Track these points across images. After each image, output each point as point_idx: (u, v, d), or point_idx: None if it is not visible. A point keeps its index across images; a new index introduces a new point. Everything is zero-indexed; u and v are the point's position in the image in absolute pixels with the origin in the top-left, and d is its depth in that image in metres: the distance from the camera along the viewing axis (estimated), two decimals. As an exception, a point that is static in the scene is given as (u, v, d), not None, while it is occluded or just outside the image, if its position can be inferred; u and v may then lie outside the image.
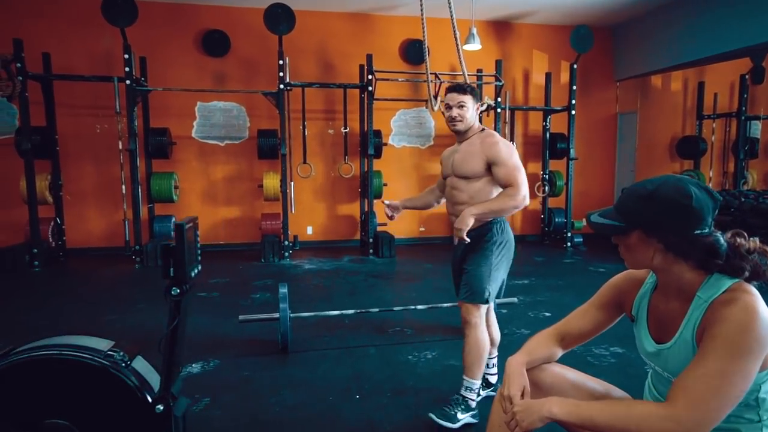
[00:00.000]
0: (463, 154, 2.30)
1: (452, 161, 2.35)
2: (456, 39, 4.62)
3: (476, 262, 2.29)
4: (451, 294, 4.40)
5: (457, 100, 2.26)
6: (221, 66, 7.02)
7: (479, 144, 2.26)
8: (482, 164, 2.25)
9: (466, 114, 2.26)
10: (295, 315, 3.35)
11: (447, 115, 2.30)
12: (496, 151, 2.21)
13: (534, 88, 7.99)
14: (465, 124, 2.28)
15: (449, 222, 2.43)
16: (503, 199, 2.18)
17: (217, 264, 6.17)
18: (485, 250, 2.30)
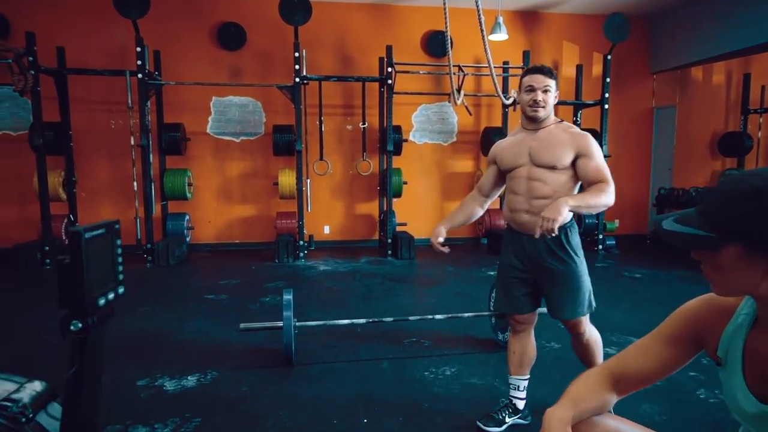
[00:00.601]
0: (545, 143, 2.05)
1: (530, 149, 2.08)
2: (481, 28, 4.26)
3: (573, 271, 2.08)
4: (474, 302, 4.06)
5: (543, 83, 2.04)
6: (237, 60, 6.81)
7: (564, 134, 2.06)
8: (571, 155, 2.04)
9: (549, 99, 2.06)
10: (301, 324, 3.08)
11: (528, 99, 2.05)
12: (587, 143, 2.03)
13: (564, 81, 7.54)
14: (546, 111, 2.07)
15: (515, 222, 2.12)
16: (600, 194, 1.93)
17: (230, 264, 5.96)
18: (574, 253, 2.09)
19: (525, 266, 2.14)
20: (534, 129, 2.11)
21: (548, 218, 1.80)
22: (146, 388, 2.64)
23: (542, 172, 2.05)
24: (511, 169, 2.14)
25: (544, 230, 1.81)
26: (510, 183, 2.17)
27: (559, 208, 1.82)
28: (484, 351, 3.19)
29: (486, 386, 2.69)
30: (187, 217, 6.67)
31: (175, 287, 4.91)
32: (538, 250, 2.09)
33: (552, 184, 2.05)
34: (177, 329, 3.61)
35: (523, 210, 2.08)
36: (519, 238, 2.14)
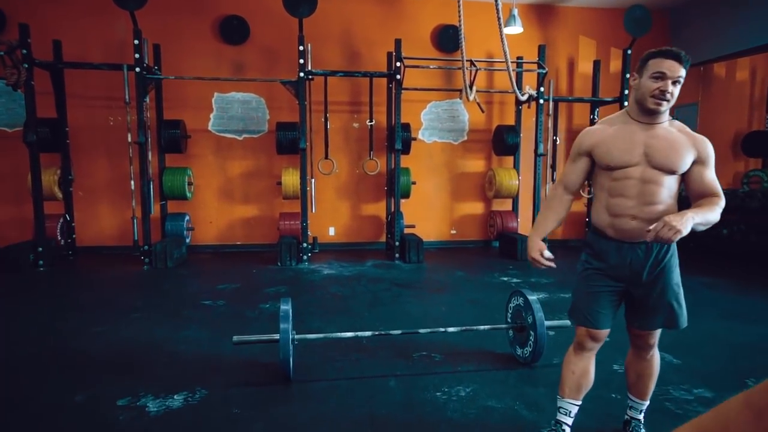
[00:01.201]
0: (665, 143, 1.81)
1: (645, 147, 1.82)
2: (499, 18, 3.99)
3: (676, 284, 1.91)
4: (487, 310, 3.79)
5: (677, 72, 1.74)
6: (240, 54, 6.57)
7: (682, 135, 1.83)
8: (691, 159, 1.82)
9: (676, 93, 1.78)
10: (300, 337, 2.80)
11: (654, 87, 1.75)
12: (708, 150, 1.83)
13: (579, 77, 7.24)
14: (669, 106, 1.81)
15: (617, 228, 1.87)
16: (716, 212, 1.74)
17: (230, 267, 5.71)
18: (675, 266, 1.92)
19: (623, 278, 1.91)
20: (649, 123, 1.84)
21: (674, 227, 1.59)
22: (126, 409, 2.38)
23: (659, 175, 1.81)
24: (619, 167, 1.84)
25: (661, 238, 1.61)
26: (613, 184, 1.87)
27: (687, 221, 1.62)
28: (501, 367, 2.91)
29: (505, 410, 2.41)
30: (187, 217, 6.43)
31: (171, 292, 4.66)
32: (641, 260, 1.87)
33: (668, 189, 1.83)
34: (168, 339, 3.35)
35: (630, 216, 1.83)
36: (619, 247, 1.89)
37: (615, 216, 1.86)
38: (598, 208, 1.92)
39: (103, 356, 3.05)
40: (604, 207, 1.89)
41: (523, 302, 2.94)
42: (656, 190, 1.81)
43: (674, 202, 1.84)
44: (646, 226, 1.76)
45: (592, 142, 1.92)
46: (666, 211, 1.79)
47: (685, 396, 2.55)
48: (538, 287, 4.85)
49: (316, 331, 3.48)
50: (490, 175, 6.94)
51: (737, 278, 5.21)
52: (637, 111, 1.84)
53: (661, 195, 1.81)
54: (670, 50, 1.74)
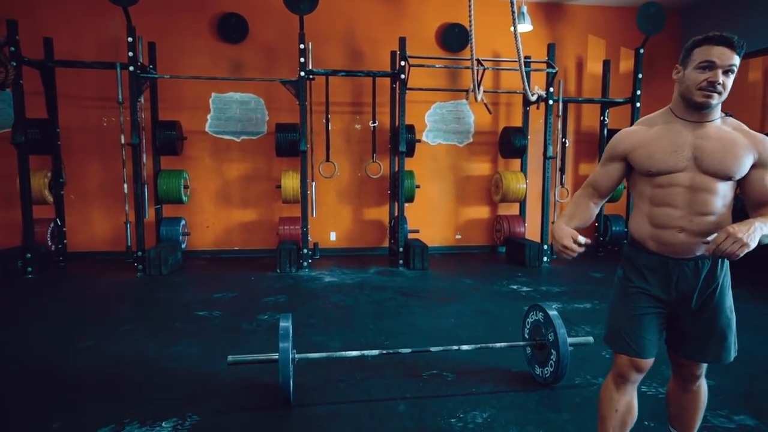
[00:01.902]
0: (719, 144, 1.55)
1: (694, 149, 1.57)
2: (513, 15, 3.77)
3: (728, 306, 1.69)
4: (498, 322, 3.54)
5: (728, 60, 1.49)
6: (238, 53, 6.34)
7: (738, 134, 1.57)
8: (750, 162, 1.57)
9: (729, 85, 1.52)
10: (301, 356, 2.57)
11: (703, 79, 1.50)
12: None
13: (589, 78, 7.03)
14: (721, 99, 1.54)
15: (662, 242, 1.63)
16: None
17: (227, 274, 5.48)
18: (728, 287, 1.69)
19: (670, 299, 1.66)
20: (697, 121, 1.58)
21: (740, 240, 1.38)
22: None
23: (712, 181, 1.56)
24: (663, 173, 1.60)
25: (723, 252, 1.41)
26: (656, 191, 1.62)
27: (754, 232, 1.41)
28: (519, 389, 2.67)
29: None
30: (183, 221, 6.20)
31: (164, 302, 4.42)
32: (689, 279, 1.62)
33: (722, 197, 1.58)
34: (158, 356, 3.11)
35: (678, 228, 1.59)
36: (664, 264, 1.64)
37: (659, 227, 1.62)
38: (639, 217, 1.68)
39: (87, 375, 2.82)
40: (646, 216, 1.65)
41: (542, 318, 2.71)
42: (708, 199, 1.56)
43: (729, 212, 1.61)
44: (696, 240, 1.55)
45: (629, 145, 1.67)
46: (720, 222, 1.57)
47: (726, 424, 2.32)
48: (550, 296, 4.63)
49: (317, 346, 3.26)
50: (496, 179, 6.72)
51: (759, 287, 4.99)
52: (682, 108, 1.59)
53: (714, 204, 1.56)
54: (720, 35, 1.50)
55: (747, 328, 3.72)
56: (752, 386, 2.73)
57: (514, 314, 3.97)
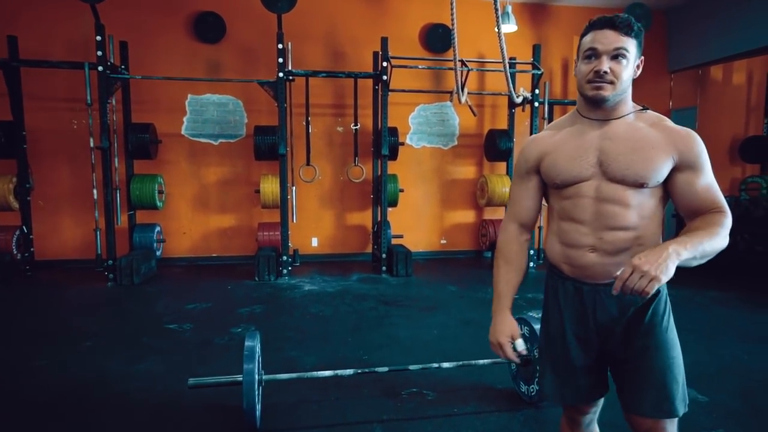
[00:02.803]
0: (626, 144, 1.29)
1: (599, 152, 1.32)
2: (497, 15, 3.63)
3: (663, 345, 1.33)
4: (484, 332, 3.32)
5: (613, 43, 1.25)
6: (215, 54, 6.13)
7: (654, 131, 1.30)
8: (668, 164, 1.28)
9: (622, 71, 1.26)
10: (269, 377, 2.39)
11: (587, 70, 1.27)
12: (695, 147, 1.28)
13: (574, 80, 6.91)
14: (617, 91, 1.28)
15: (572, 264, 1.37)
16: (719, 234, 1.20)
17: (203, 282, 5.26)
18: (666, 317, 1.36)
19: (588, 335, 1.39)
20: (602, 119, 1.33)
21: (647, 273, 1.08)
22: (51, 478, 1.95)
23: (621, 190, 1.29)
24: (568, 183, 1.35)
25: (632, 289, 1.09)
26: (563, 204, 1.38)
27: (666, 262, 1.09)
28: (504, 408, 2.52)
29: (513, 469, 2.02)
30: (158, 228, 5.96)
31: (133, 314, 4.20)
32: (610, 308, 1.35)
33: (638, 209, 1.30)
34: (120, 375, 2.90)
35: (587, 246, 1.33)
36: (578, 292, 1.38)
37: (569, 246, 1.37)
38: (551, 237, 1.44)
39: (38, 399, 2.60)
40: (556, 235, 1.41)
41: (528, 332, 2.56)
42: (618, 211, 1.29)
43: (654, 225, 1.32)
44: (612, 261, 1.29)
45: (540, 152, 1.42)
46: (640, 239, 1.29)
47: (721, 447, 2.18)
48: (536, 304, 4.49)
49: (292, 362, 3.08)
50: (481, 182, 6.59)
51: (747, 292, 4.90)
52: (584, 105, 1.35)
53: (626, 217, 1.29)
54: (603, 17, 1.28)
55: (740, 337, 3.61)
56: (746, 403, 2.60)
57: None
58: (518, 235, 1.51)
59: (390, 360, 3.09)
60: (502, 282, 1.49)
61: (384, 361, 3.06)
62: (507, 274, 1.49)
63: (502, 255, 1.51)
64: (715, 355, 3.23)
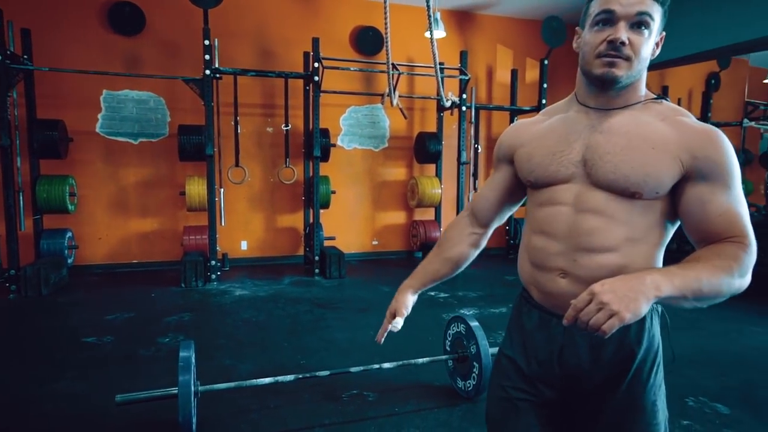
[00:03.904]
0: (625, 139, 0.99)
1: (586, 148, 1.03)
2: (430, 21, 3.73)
3: (649, 408, 1.05)
4: (419, 331, 3.48)
5: (636, 5, 0.94)
6: (134, 47, 5.77)
7: (665, 126, 0.98)
8: (673, 171, 0.96)
9: (642, 46, 0.96)
10: (205, 388, 2.30)
11: (597, 39, 0.98)
12: (714, 151, 0.95)
13: (498, 86, 7.27)
14: (632, 70, 0.97)
15: (540, 290, 1.11)
16: (731, 272, 0.90)
17: (123, 291, 4.93)
18: (653, 380, 1.05)
19: (549, 382, 1.11)
20: (602, 107, 1.03)
21: (607, 306, 0.82)
22: None
23: (606, 200, 1.00)
24: (543, 183, 1.09)
25: (586, 324, 0.84)
26: (537, 212, 1.12)
27: (636, 294, 0.83)
28: (443, 404, 2.60)
29: (454, 463, 2.09)
30: (69, 233, 5.50)
31: (45, 328, 3.85)
32: (582, 349, 1.05)
33: (626, 225, 1.00)
34: (36, 398, 2.66)
35: (558, 270, 1.05)
36: (546, 323, 1.10)
37: (537, 267, 1.10)
38: (521, 251, 1.19)
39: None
40: (526, 250, 1.15)
41: (464, 330, 2.66)
42: (599, 227, 1.00)
43: (647, 248, 1.01)
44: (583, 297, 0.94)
45: (513, 142, 1.18)
46: (623, 268, 0.99)
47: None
48: (467, 302, 4.67)
49: (227, 370, 2.98)
50: (412, 184, 6.73)
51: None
52: (584, 89, 1.06)
53: (609, 236, 1.00)
54: None
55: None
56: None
57: (433, 323, 3.94)
58: (465, 225, 1.30)
59: (328, 363, 3.07)
60: (423, 263, 1.34)
61: (322, 364, 3.04)
62: (431, 258, 1.33)
63: (440, 238, 1.34)
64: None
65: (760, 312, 4.40)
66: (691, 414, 2.53)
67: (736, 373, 3.08)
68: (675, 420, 2.45)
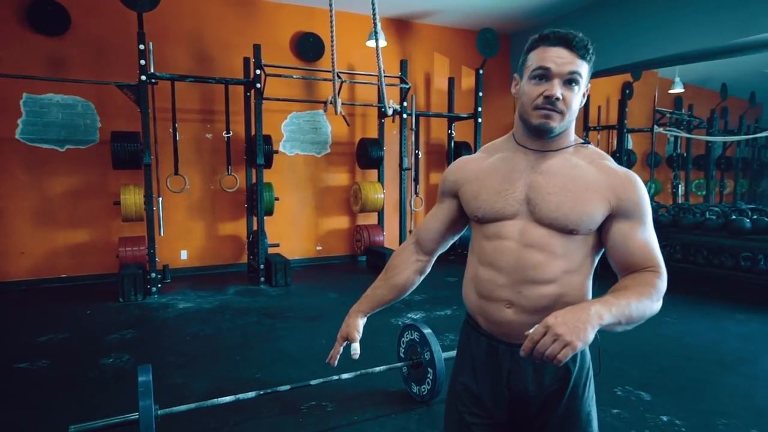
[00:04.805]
0: (562, 181, 1.12)
1: (529, 188, 1.15)
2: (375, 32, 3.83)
3: (584, 420, 1.20)
4: (371, 336, 3.55)
5: (568, 66, 1.06)
6: (58, 48, 5.43)
7: (592, 169, 1.13)
8: (603, 211, 1.11)
9: (573, 100, 1.09)
10: (165, 411, 2.27)
11: (537, 93, 1.08)
12: (634, 193, 1.11)
13: (436, 93, 7.53)
14: (564, 121, 1.10)
15: (488, 320, 1.21)
16: (650, 297, 1.06)
17: (55, 309, 4.66)
18: (586, 395, 1.21)
19: (499, 405, 1.22)
20: (539, 150, 1.16)
21: (561, 337, 0.91)
22: None
23: (547, 235, 1.12)
24: (490, 219, 1.19)
25: (544, 354, 0.92)
26: (484, 245, 1.21)
27: (585, 325, 0.93)
28: (399, 410, 2.72)
29: (415, 466, 2.22)
30: (-11, 248, 5.10)
31: (-31, 353, 3.58)
32: (527, 374, 1.18)
33: (564, 259, 1.13)
34: (-33, 431, 2.50)
35: (505, 301, 1.16)
36: (494, 351, 1.21)
37: (484, 298, 1.20)
38: (466, 280, 1.28)
39: None
40: (472, 280, 1.24)
41: (418, 337, 2.80)
42: (542, 262, 1.12)
43: (580, 277, 1.16)
44: (530, 320, 1.10)
45: (461, 177, 1.27)
46: (562, 297, 1.12)
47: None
48: (413, 305, 4.83)
49: (180, 390, 2.93)
50: (355, 189, 6.82)
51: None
52: (522, 133, 1.17)
53: (549, 269, 1.12)
54: (556, 32, 1.09)
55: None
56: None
57: (383, 327, 4.06)
58: (411, 252, 1.39)
59: (284, 375, 3.10)
60: (371, 288, 1.42)
61: (278, 376, 3.06)
62: (378, 283, 1.41)
63: (387, 264, 1.42)
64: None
65: (675, 303, 4.91)
66: (619, 402, 2.82)
67: (655, 361, 3.45)
68: (606, 409, 2.72)
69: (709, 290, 5.43)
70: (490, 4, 6.48)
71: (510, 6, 6.56)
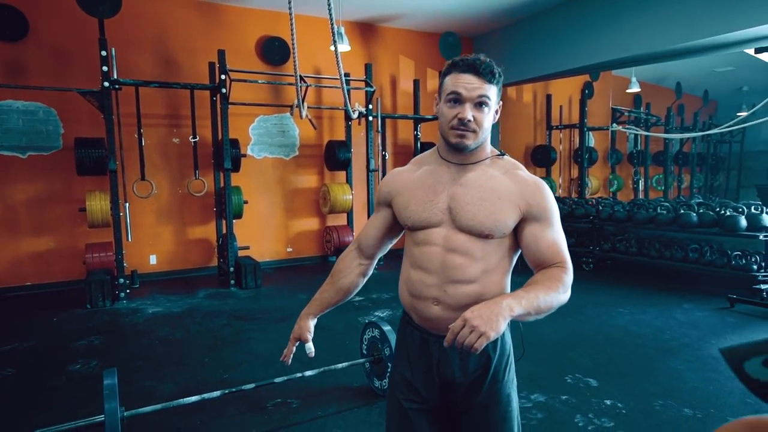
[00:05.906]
0: (477, 192, 1.27)
1: (450, 199, 1.30)
2: (334, 38, 3.94)
3: (504, 400, 1.35)
4: (337, 336, 3.77)
5: (477, 90, 1.21)
6: (16, 54, 5.36)
7: (506, 179, 1.28)
8: (515, 216, 1.26)
9: (484, 120, 1.24)
10: (132, 413, 2.35)
11: (452, 115, 1.23)
12: (544, 199, 1.27)
13: (402, 95, 7.68)
14: (478, 139, 1.25)
15: (419, 315, 1.36)
16: (557, 289, 1.20)
17: (19, 317, 4.63)
18: (507, 378, 1.37)
19: (431, 390, 1.36)
20: (459, 163, 1.30)
21: (476, 328, 1.06)
22: None
23: (467, 241, 1.27)
24: (419, 227, 1.33)
25: (463, 344, 1.07)
26: (414, 250, 1.35)
27: (497, 317, 1.08)
28: (362, 404, 2.86)
29: (373, 455, 2.36)
30: (-51, 258, 5.02)
31: (-69, 365, 3.55)
32: (453, 360, 1.33)
33: (483, 260, 1.28)
34: (-67, 441, 2.52)
35: (432, 299, 1.30)
36: (424, 343, 1.36)
37: (415, 297, 1.34)
38: (401, 281, 1.42)
39: None
40: (405, 282, 1.39)
41: (379, 334, 2.93)
42: (462, 263, 1.27)
43: (497, 276, 1.30)
44: (454, 315, 1.22)
45: (393, 188, 1.41)
46: (482, 295, 1.27)
47: (524, 404, 2.82)
48: (381, 303, 4.98)
49: (148, 392, 3.00)
50: (324, 191, 6.92)
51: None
52: (444, 149, 1.32)
53: (470, 270, 1.27)
54: (464, 60, 1.23)
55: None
56: (547, 368, 3.35)
57: (350, 327, 4.18)
58: (353, 257, 1.52)
59: (251, 375, 3.20)
60: (319, 292, 1.55)
61: (246, 377, 3.16)
62: (326, 287, 1.54)
63: (333, 269, 1.55)
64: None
65: (628, 295, 5.18)
66: (568, 389, 3.02)
67: (604, 350, 3.68)
68: (555, 396, 2.92)
69: (660, 281, 5.74)
70: (453, 8, 6.66)
71: (472, 10, 6.75)
